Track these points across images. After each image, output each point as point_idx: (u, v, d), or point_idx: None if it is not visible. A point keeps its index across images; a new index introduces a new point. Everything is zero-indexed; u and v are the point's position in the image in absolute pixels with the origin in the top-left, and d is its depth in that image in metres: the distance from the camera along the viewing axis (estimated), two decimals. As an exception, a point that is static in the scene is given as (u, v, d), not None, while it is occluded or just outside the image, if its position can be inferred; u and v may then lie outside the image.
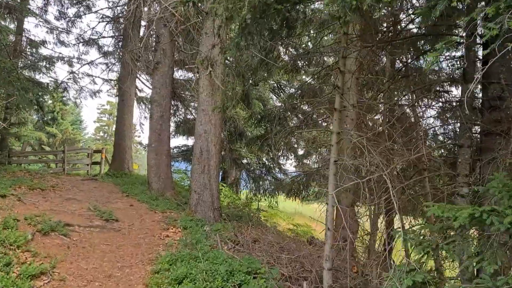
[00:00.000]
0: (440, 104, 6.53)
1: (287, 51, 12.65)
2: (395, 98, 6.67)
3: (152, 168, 9.97)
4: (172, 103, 14.08)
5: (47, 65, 15.83)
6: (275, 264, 5.28)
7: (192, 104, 17.08)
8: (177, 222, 7.35)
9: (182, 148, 18.28)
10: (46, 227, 5.61)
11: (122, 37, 16.28)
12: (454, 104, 5.96)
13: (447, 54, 5.73)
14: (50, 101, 35.15)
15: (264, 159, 18.17)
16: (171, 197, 9.91)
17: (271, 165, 18.26)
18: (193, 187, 7.86)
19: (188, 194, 11.46)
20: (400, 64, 7.05)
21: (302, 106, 12.99)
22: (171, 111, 11.31)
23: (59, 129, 34.54)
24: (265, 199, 12.88)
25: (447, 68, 6.58)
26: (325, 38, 10.18)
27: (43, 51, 16.44)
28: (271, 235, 6.30)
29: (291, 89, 16.92)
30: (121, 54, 15.91)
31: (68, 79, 17.60)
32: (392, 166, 4.83)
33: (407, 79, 6.41)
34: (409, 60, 6.64)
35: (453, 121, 6.12)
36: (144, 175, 16.03)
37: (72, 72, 17.04)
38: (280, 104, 15.84)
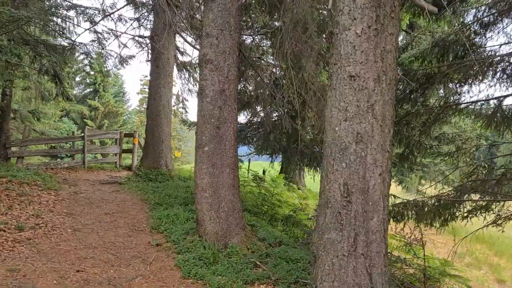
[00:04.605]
0: None
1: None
2: None
3: (205, 193, 5.12)
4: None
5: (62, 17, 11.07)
6: None
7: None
8: None
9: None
10: None
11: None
12: None
13: None
14: (92, 72, 31.90)
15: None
16: (241, 246, 5.16)
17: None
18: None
19: (273, 228, 6.57)
20: None
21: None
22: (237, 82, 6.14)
23: (101, 102, 31.61)
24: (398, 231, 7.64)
25: None
26: None
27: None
28: None
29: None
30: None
31: (91, 41, 12.98)
32: None
33: None
34: None
35: None
36: (189, 172, 11.45)
37: (93, 29, 12.29)
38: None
